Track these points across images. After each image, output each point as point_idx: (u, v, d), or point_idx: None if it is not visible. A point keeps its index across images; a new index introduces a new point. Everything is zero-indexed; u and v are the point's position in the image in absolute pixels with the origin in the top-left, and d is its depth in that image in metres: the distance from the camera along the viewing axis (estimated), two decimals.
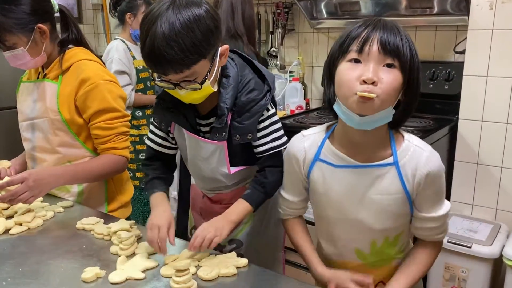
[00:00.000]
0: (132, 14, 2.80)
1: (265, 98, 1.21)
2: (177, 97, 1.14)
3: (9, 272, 1.08)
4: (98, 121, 1.46)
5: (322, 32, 2.94)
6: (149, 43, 1.02)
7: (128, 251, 1.16)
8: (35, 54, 1.43)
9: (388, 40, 0.95)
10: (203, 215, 1.43)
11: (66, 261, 1.14)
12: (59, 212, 1.43)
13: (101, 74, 1.47)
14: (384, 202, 1.06)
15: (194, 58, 1.05)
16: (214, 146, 1.23)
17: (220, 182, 1.33)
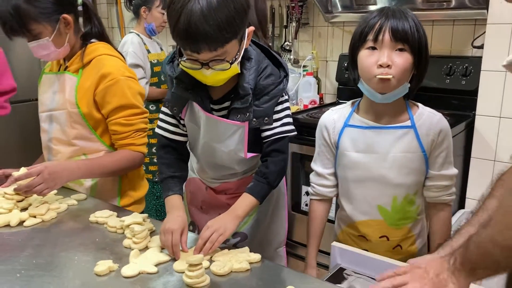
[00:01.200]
0: (147, 8, 2.80)
1: (282, 83, 1.23)
2: (200, 78, 1.14)
3: (23, 264, 1.09)
4: (117, 117, 1.47)
5: (337, 26, 2.90)
6: (184, 20, 1.01)
7: (141, 244, 1.16)
8: (59, 44, 1.44)
9: (397, 28, 1.14)
10: (205, 209, 1.43)
11: (79, 254, 1.14)
12: (72, 205, 1.44)
13: (122, 70, 1.47)
14: (405, 159, 1.23)
15: (229, 36, 1.05)
16: (235, 127, 1.23)
17: (230, 169, 1.33)
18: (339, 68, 2.82)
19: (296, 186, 2.44)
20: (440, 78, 2.37)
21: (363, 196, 1.28)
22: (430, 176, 1.27)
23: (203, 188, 1.42)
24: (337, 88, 2.89)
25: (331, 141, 1.30)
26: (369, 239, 1.29)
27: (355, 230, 1.31)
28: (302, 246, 2.49)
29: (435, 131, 1.23)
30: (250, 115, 1.20)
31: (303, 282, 1.03)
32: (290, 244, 2.52)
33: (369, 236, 1.29)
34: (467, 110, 2.30)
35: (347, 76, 2.79)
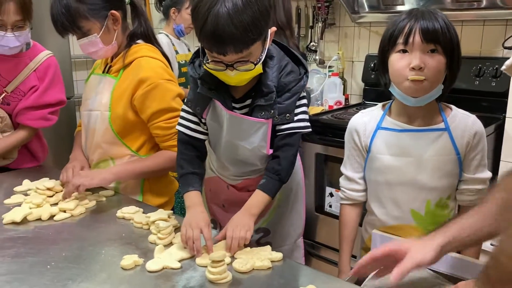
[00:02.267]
0: (176, 9, 2.85)
1: (303, 80, 1.24)
2: (224, 78, 1.16)
3: (53, 256, 1.13)
4: (158, 121, 1.50)
5: (364, 26, 2.88)
6: (211, 23, 1.03)
7: (166, 240, 1.19)
8: (107, 42, 1.48)
9: (428, 29, 1.13)
10: (227, 207, 1.45)
11: (106, 248, 1.18)
12: (100, 200, 1.48)
13: (161, 73, 1.49)
14: (439, 162, 1.22)
15: (254, 37, 1.07)
16: (259, 124, 1.24)
17: (252, 166, 1.35)
18: (365, 68, 2.80)
19: (320, 188, 2.44)
20: (470, 79, 2.33)
21: (395, 200, 1.27)
22: (464, 179, 1.25)
23: (224, 186, 1.44)
24: (363, 89, 2.86)
25: (362, 144, 1.29)
26: None
27: (389, 231, 1.28)
28: (326, 247, 2.49)
29: (470, 133, 1.22)
30: (274, 112, 1.21)
31: (324, 282, 1.04)
32: (314, 245, 2.52)
33: None
34: (497, 112, 2.25)
35: (373, 77, 2.76)
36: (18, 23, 1.60)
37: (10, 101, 1.75)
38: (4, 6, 1.54)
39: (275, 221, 1.42)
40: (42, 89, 1.75)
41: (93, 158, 1.61)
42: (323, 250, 2.50)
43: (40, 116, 1.78)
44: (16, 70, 1.72)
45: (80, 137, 1.72)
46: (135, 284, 1.02)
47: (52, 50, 2.92)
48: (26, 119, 1.77)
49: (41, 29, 2.84)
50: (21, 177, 1.66)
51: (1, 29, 1.58)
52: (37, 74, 1.75)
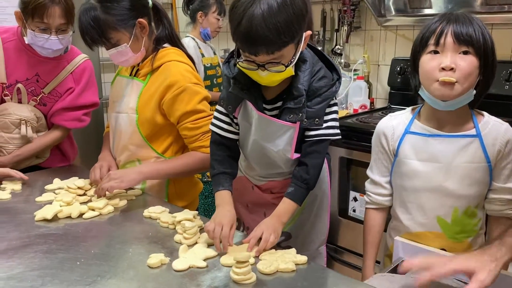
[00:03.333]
0: (203, 13, 2.89)
1: (335, 86, 1.24)
2: (255, 78, 1.17)
3: (83, 253, 1.16)
4: (185, 122, 1.52)
5: (390, 30, 2.86)
6: (246, 24, 1.05)
7: (191, 240, 1.21)
8: (136, 49, 1.51)
9: (461, 31, 1.10)
10: (251, 208, 1.46)
11: (133, 247, 1.20)
12: (130, 200, 1.51)
13: (189, 77, 1.52)
14: (468, 170, 1.19)
15: (286, 40, 1.08)
16: (286, 127, 1.25)
17: (277, 168, 1.35)
18: (391, 72, 2.77)
19: (343, 192, 2.43)
20: (499, 84, 2.28)
21: (421, 206, 1.24)
22: (494, 189, 1.22)
23: (250, 187, 1.45)
24: (389, 93, 2.84)
25: (390, 148, 1.28)
26: None
27: (413, 238, 1.27)
28: (348, 252, 2.47)
29: (502, 141, 1.18)
30: (302, 115, 1.22)
31: (348, 285, 1.04)
32: (336, 250, 2.50)
33: None
34: None
35: (399, 80, 2.73)
36: (62, 26, 1.64)
37: (47, 102, 1.81)
38: (49, 10, 1.58)
39: (298, 226, 1.42)
40: (78, 91, 1.81)
41: (121, 159, 1.65)
42: (346, 255, 2.49)
43: (74, 117, 1.83)
44: (54, 72, 1.77)
45: (108, 138, 1.76)
46: (162, 282, 1.04)
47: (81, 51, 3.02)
48: (61, 120, 1.82)
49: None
50: (52, 176, 1.71)
51: (45, 33, 1.62)
52: (73, 76, 1.80)
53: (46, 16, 1.58)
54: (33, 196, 1.54)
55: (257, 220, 1.22)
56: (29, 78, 1.75)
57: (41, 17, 1.58)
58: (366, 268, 1.34)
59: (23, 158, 1.79)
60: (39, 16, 1.58)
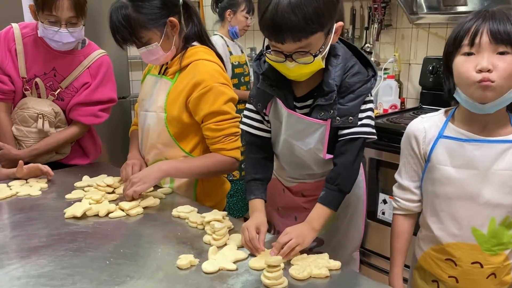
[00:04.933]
0: (232, 11, 2.88)
1: (370, 82, 1.19)
2: (283, 71, 1.14)
3: (112, 252, 1.15)
4: (209, 123, 1.50)
5: (422, 28, 2.78)
6: (272, 10, 1.02)
7: (221, 241, 1.18)
8: (167, 48, 1.49)
9: (498, 30, 1.02)
10: (281, 211, 1.42)
11: (162, 247, 1.19)
12: (161, 198, 1.50)
13: (216, 77, 1.49)
14: (507, 177, 1.10)
15: (314, 28, 1.04)
16: (316, 125, 1.20)
17: (308, 169, 1.31)
18: (423, 71, 2.69)
19: (372, 194, 2.37)
20: None
21: (454, 215, 1.15)
22: None
23: (281, 189, 1.41)
24: (420, 93, 2.76)
25: (421, 152, 1.19)
26: (458, 264, 1.15)
27: (442, 253, 1.18)
28: (376, 255, 2.42)
29: None
30: (334, 112, 1.17)
31: None
32: (364, 253, 2.45)
33: (459, 261, 1.15)
34: None
35: (431, 80, 2.66)
36: (71, 19, 1.66)
37: (64, 97, 1.82)
38: (58, 2, 1.60)
39: (331, 232, 1.38)
40: (94, 86, 1.82)
41: (149, 158, 1.64)
42: (373, 258, 2.43)
43: (90, 112, 1.84)
44: (71, 67, 1.79)
45: (135, 136, 1.75)
46: (191, 284, 1.02)
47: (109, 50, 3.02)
48: (77, 115, 1.84)
49: (99, 29, 2.94)
50: (81, 174, 1.72)
51: (55, 25, 1.64)
52: (90, 71, 1.81)
53: (54, 8, 1.61)
54: (63, 193, 1.54)
55: (287, 225, 1.18)
56: (47, 73, 1.77)
57: (50, 10, 1.61)
58: (394, 276, 1.26)
59: (40, 152, 1.81)
60: (48, 9, 1.61)
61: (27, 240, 1.22)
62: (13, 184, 1.61)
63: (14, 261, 1.11)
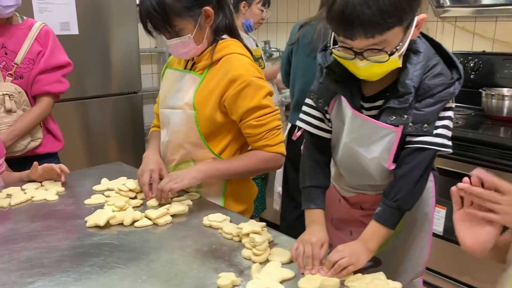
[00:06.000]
0: (247, 3, 2.77)
1: (453, 86, 1.04)
2: (352, 69, 1.01)
3: (143, 269, 1.04)
4: (249, 119, 1.38)
5: (448, 21, 2.66)
6: (341, 2, 0.90)
7: (262, 257, 1.07)
8: (199, 40, 1.38)
9: None
10: (336, 223, 1.29)
11: (198, 262, 1.07)
12: (189, 205, 1.38)
13: (252, 71, 1.38)
14: None
15: (391, 22, 0.91)
16: (385, 131, 1.07)
17: (370, 179, 1.18)
18: None
19: None
20: None
21: None
22: None
23: (337, 199, 1.29)
24: None
25: None
26: None
27: None
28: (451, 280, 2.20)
29: None
30: (408, 118, 1.03)
31: None
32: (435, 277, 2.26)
33: None
34: None
35: None
36: None
37: (22, 73, 1.81)
38: None
39: (389, 252, 1.24)
40: (49, 53, 1.84)
41: (174, 158, 1.52)
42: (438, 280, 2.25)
43: (54, 79, 1.87)
44: (19, 40, 1.80)
45: (155, 137, 1.63)
46: None
47: (120, 43, 2.93)
48: (42, 86, 1.84)
49: (109, 22, 2.83)
50: (98, 175, 1.61)
51: None
52: (39, 41, 1.83)
53: None
54: (81, 197, 1.43)
55: (342, 239, 1.08)
56: None
57: None
58: None
59: (20, 133, 1.79)
60: None
61: (47, 253, 1.11)
62: (28, 188, 1.50)
63: (35, 279, 1.00)
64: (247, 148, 1.52)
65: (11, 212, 1.36)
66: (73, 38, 2.66)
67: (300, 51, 2.18)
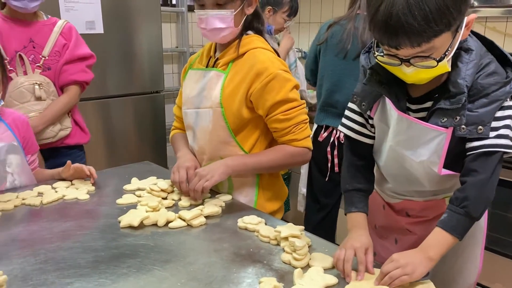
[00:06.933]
0: (273, 9, 2.72)
1: (509, 85, 0.98)
2: (399, 75, 0.98)
3: (181, 272, 1.02)
4: (276, 114, 1.36)
5: (478, 22, 2.60)
6: (385, 10, 0.87)
7: (303, 262, 1.04)
8: (236, 23, 1.36)
9: None
10: (379, 231, 1.25)
11: (236, 265, 1.05)
12: (222, 206, 1.36)
13: (277, 63, 1.36)
14: None
15: (438, 29, 0.87)
16: (434, 133, 1.02)
17: (417, 184, 1.13)
18: None
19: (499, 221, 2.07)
20: None
21: None
22: None
23: (380, 205, 1.25)
24: None
25: None
26: None
27: None
28: None
29: None
30: (461, 119, 0.98)
31: None
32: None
33: None
34: None
35: None
36: None
37: (50, 64, 1.93)
38: None
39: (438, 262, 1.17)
40: (73, 45, 1.96)
41: (203, 158, 1.50)
42: None
43: (79, 69, 1.99)
44: (46, 34, 1.91)
45: (182, 138, 1.60)
46: None
47: (144, 42, 2.93)
48: (69, 75, 1.96)
49: (134, 21, 2.83)
50: (127, 175, 1.59)
51: None
52: (63, 35, 1.95)
53: None
54: (113, 197, 1.41)
55: (386, 247, 1.03)
56: (26, 46, 1.87)
57: None
58: None
59: (49, 119, 1.90)
60: None
61: (83, 253, 1.09)
62: (58, 186, 1.49)
63: (73, 280, 0.98)
64: (276, 144, 1.49)
65: (43, 210, 1.35)
66: (98, 37, 2.66)
67: (329, 51, 2.14)
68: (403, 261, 0.94)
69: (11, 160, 1.46)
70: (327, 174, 2.24)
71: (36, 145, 1.61)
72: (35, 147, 1.60)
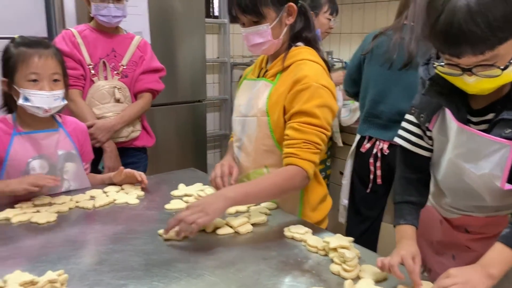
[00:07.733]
0: (314, 13, 2.71)
1: None
2: (460, 85, 0.96)
3: (231, 279, 1.03)
4: (293, 121, 1.35)
5: None
6: (446, 19, 0.86)
7: (353, 273, 1.03)
8: (276, 35, 1.38)
9: None
10: (437, 248, 1.21)
11: (288, 276, 1.04)
12: (267, 214, 1.37)
13: (318, 77, 1.35)
14: None
15: (503, 37, 0.85)
16: (497, 145, 0.98)
17: (478, 199, 1.09)
18: None
19: None
20: None
21: None
22: None
23: (437, 220, 1.22)
24: None
25: None
26: None
27: None
28: None
29: None
30: None
31: None
32: None
33: None
34: None
35: None
36: None
37: (127, 73, 2.10)
38: None
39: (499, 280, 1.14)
40: (149, 57, 2.16)
41: (248, 166, 1.51)
42: None
43: (153, 79, 2.17)
44: (125, 45, 2.11)
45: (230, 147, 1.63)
46: None
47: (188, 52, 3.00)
48: (144, 84, 2.13)
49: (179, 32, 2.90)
50: (175, 180, 1.63)
51: (105, 2, 1.96)
52: (139, 49, 2.15)
53: None
54: (161, 202, 1.45)
55: (443, 263, 1.00)
56: (109, 54, 2.06)
57: None
58: None
59: (127, 119, 2.06)
60: None
61: (135, 256, 1.12)
62: (109, 191, 1.55)
63: (127, 282, 1.01)
64: None
65: (95, 213, 1.40)
66: None
67: (374, 61, 2.12)
68: (461, 277, 0.90)
69: (68, 168, 1.53)
70: (368, 185, 2.21)
71: (92, 154, 1.69)
72: (90, 156, 1.68)
